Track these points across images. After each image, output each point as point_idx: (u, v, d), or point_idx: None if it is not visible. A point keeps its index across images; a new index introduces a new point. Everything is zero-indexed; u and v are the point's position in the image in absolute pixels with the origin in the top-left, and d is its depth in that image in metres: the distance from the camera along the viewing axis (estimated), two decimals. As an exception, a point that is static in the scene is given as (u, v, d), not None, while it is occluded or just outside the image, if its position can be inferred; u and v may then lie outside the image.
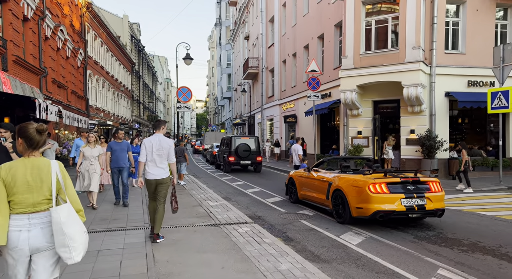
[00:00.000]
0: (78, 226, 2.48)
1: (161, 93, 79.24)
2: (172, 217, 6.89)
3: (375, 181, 6.24)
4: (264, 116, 29.95)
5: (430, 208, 6.23)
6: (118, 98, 33.06)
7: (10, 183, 2.38)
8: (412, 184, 6.35)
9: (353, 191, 6.54)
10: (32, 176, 2.43)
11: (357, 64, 14.19)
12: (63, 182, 2.53)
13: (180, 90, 14.31)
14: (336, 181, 7.16)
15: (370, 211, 6.19)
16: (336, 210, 7.11)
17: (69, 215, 2.44)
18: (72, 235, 2.41)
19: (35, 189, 2.43)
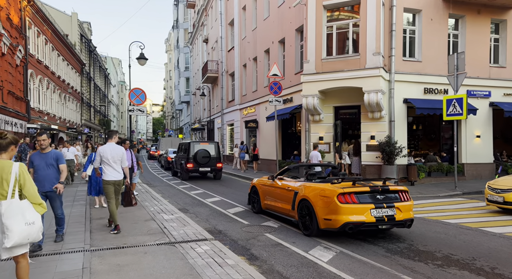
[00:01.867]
0: (20, 218, 3.10)
1: (114, 96, 75.55)
2: (119, 235, 6.01)
3: (344, 191, 5.87)
4: (224, 121, 29.24)
5: (400, 218, 5.92)
6: (66, 100, 30.67)
7: None
8: (381, 193, 6.02)
9: (321, 202, 6.10)
10: None
11: (318, 69, 14.03)
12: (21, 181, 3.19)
13: (132, 92, 13.30)
14: (302, 190, 6.71)
15: (339, 223, 5.78)
16: (302, 222, 6.66)
17: (10, 209, 3.06)
18: (9, 225, 3.04)
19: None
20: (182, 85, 52.87)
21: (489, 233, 6.60)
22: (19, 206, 3.16)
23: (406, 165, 13.62)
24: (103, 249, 5.27)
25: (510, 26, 15.16)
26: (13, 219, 3.09)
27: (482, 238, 6.21)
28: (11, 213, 3.10)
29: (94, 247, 5.36)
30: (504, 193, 8.14)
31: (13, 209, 3.12)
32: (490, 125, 14.84)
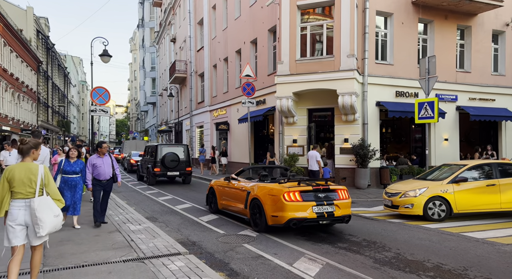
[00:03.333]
0: (50, 210, 3.71)
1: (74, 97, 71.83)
2: (79, 251, 5.26)
3: (289, 190, 6.44)
4: (193, 122, 28.38)
5: (339, 214, 6.55)
6: (20, 100, 28.45)
7: (11, 179, 3.63)
8: (322, 192, 6.62)
9: (269, 200, 6.66)
10: (24, 174, 3.66)
11: (293, 71, 13.76)
12: (46, 181, 3.77)
13: (95, 91, 12.31)
14: (254, 190, 7.22)
15: (284, 219, 6.36)
16: (253, 219, 7.18)
17: (41, 204, 3.66)
18: (42, 218, 3.63)
19: (27, 183, 3.66)
20: (147, 86, 51.14)
21: (472, 238, 6.50)
22: (47, 201, 3.77)
23: (379, 168, 13.65)
24: (58, 269, 4.54)
25: (475, 32, 15.72)
26: (44, 212, 3.70)
27: (467, 245, 6.08)
28: (42, 207, 3.69)
29: (47, 267, 4.61)
30: (392, 197, 8.52)
31: (44, 204, 3.72)
32: (457, 128, 15.26)
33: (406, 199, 8.19)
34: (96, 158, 7.09)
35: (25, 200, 3.67)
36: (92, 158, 7.10)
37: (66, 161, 6.90)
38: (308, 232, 6.99)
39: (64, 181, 6.74)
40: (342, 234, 6.87)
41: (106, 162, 7.13)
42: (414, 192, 8.17)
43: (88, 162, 6.94)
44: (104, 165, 7.08)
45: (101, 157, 7.10)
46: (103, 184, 7.14)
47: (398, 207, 8.33)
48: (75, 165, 6.92)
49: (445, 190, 8.02)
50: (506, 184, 8.17)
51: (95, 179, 7.05)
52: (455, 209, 7.95)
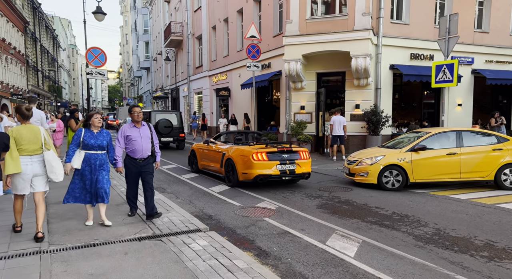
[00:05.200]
0: (58, 161, 4.43)
1: (65, 61, 69.21)
2: (87, 227, 4.74)
3: (257, 151, 7.48)
4: (191, 88, 27.35)
5: (299, 172, 7.68)
6: (8, 62, 26.98)
7: (18, 139, 4.13)
8: (286, 153, 7.68)
9: (241, 160, 7.69)
10: (31, 134, 4.22)
11: (302, 31, 12.79)
12: (48, 140, 4.41)
13: (90, 52, 11.39)
14: (228, 152, 8.22)
15: (252, 175, 7.43)
16: (227, 176, 8.27)
17: (53, 156, 4.37)
18: (56, 166, 4.37)
19: (34, 141, 4.23)
20: (141, 50, 49.10)
21: (510, 210, 6.09)
22: (53, 154, 4.41)
23: (390, 135, 13.13)
24: (67, 249, 4.02)
25: (496, -9, 14.64)
26: (56, 162, 4.39)
27: (509, 218, 5.66)
28: (53, 158, 4.37)
29: (54, 246, 4.09)
30: (350, 164, 8.32)
31: (53, 156, 4.38)
32: (471, 93, 14.62)
33: (362, 167, 7.98)
34: (131, 128, 5.13)
35: (31, 156, 4.26)
36: (125, 128, 5.16)
37: (88, 131, 4.75)
38: (330, 206, 6.53)
39: (86, 160, 4.69)
40: (367, 206, 6.42)
41: (144, 134, 5.17)
42: (371, 160, 7.93)
43: (119, 133, 5.17)
44: (142, 138, 5.11)
45: (138, 127, 5.15)
46: (139, 165, 5.14)
47: (354, 175, 8.13)
48: (101, 137, 4.80)
49: (402, 158, 7.72)
50: (469, 153, 7.73)
51: (128, 157, 5.16)
52: (411, 179, 7.69)
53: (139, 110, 5.15)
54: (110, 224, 4.81)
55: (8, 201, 5.78)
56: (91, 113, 4.88)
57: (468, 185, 8.15)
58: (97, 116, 4.84)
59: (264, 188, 7.97)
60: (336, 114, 11.94)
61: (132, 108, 5.15)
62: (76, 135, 4.72)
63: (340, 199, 6.99)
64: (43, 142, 4.31)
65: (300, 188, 8.07)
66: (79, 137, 4.70)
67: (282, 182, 8.63)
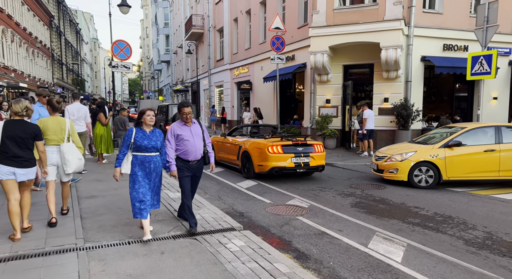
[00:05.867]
0: (75, 154, 4.66)
1: (87, 54, 70.48)
2: (120, 222, 4.65)
3: (273, 144, 7.73)
4: (212, 82, 27.26)
5: (314, 164, 7.87)
6: (34, 56, 27.58)
7: (44, 129, 4.45)
8: (301, 146, 7.89)
9: (257, 152, 7.94)
10: (56, 125, 4.58)
11: (330, 21, 12.38)
12: (71, 132, 4.69)
13: (116, 45, 11.36)
14: (244, 144, 8.49)
15: (268, 168, 7.68)
16: (243, 168, 8.54)
17: (69, 149, 4.60)
18: (69, 159, 4.59)
19: (59, 132, 4.57)
20: (161, 43, 49.34)
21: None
22: (72, 147, 4.66)
23: (421, 130, 12.64)
24: (103, 246, 3.94)
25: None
26: (71, 155, 4.60)
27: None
28: (69, 151, 4.60)
29: (90, 243, 4.01)
30: (379, 160, 7.98)
31: (70, 149, 4.62)
32: (508, 86, 13.88)
33: (391, 164, 7.63)
34: (182, 127, 4.49)
35: (57, 146, 4.60)
36: (175, 127, 4.50)
37: (140, 130, 4.17)
38: (366, 204, 6.26)
39: (139, 163, 4.10)
40: (405, 205, 6.12)
41: (196, 132, 4.53)
42: (401, 156, 7.58)
43: (169, 133, 4.50)
44: (194, 138, 4.48)
45: (188, 126, 4.52)
46: (193, 167, 4.53)
47: (383, 172, 7.79)
48: (154, 137, 4.19)
49: (435, 155, 7.33)
50: (509, 150, 7.21)
51: (180, 160, 4.50)
52: (444, 176, 7.30)
53: (189, 110, 4.40)
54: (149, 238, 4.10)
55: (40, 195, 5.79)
56: (143, 109, 4.23)
57: (506, 184, 7.68)
58: (149, 113, 4.18)
59: (292, 185, 7.76)
60: (364, 108, 11.55)
61: (182, 107, 4.41)
62: (126, 135, 4.14)
63: (374, 197, 6.70)
64: (66, 134, 4.62)
65: (330, 185, 7.81)
66: (129, 137, 4.10)
67: (308, 178, 8.41)
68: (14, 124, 3.99)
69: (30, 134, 4.03)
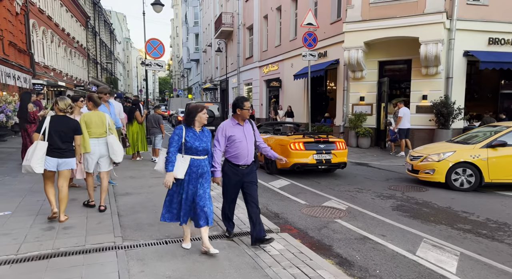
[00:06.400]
0: (119, 145, 5.10)
1: (120, 54, 72.73)
2: (156, 221, 4.61)
3: (295, 141, 7.94)
4: (241, 80, 27.25)
5: (335, 161, 8.01)
6: (72, 56, 28.70)
7: (88, 123, 4.87)
8: (323, 143, 8.04)
9: (279, 149, 8.01)
10: (98, 120, 4.96)
11: (365, 16, 11.93)
12: (111, 125, 5.09)
13: (149, 43, 11.51)
14: (268, 141, 8.60)
15: (289, 164, 7.65)
16: (266, 164, 8.81)
17: (113, 140, 5.02)
18: (117, 149, 5.02)
19: (100, 126, 4.96)
20: (191, 42, 49.95)
21: None
22: (115, 138, 5.06)
23: (462, 129, 11.94)
24: (141, 246, 3.89)
25: None
26: (117, 145, 5.03)
27: None
28: (114, 142, 5.00)
29: (128, 241, 3.98)
30: (414, 160, 7.57)
31: (114, 140, 5.02)
32: (560, 83, 12.84)
33: (428, 164, 7.22)
34: (234, 127, 3.93)
35: (98, 138, 4.93)
36: (227, 126, 3.92)
37: (190, 131, 3.66)
38: (408, 208, 5.92)
39: (188, 166, 3.64)
40: (452, 210, 5.72)
41: (248, 133, 3.98)
42: (438, 156, 7.14)
43: (218, 132, 3.92)
44: (247, 139, 3.92)
45: (241, 125, 3.96)
46: (242, 173, 3.94)
47: (418, 172, 7.39)
48: (204, 137, 3.73)
49: (476, 155, 6.84)
50: None
51: (229, 164, 3.95)
52: (486, 178, 6.79)
53: (249, 104, 3.93)
54: (217, 252, 3.63)
55: (82, 192, 5.89)
56: (198, 105, 3.71)
57: None
58: (202, 109, 3.68)
59: (327, 185, 7.51)
60: (400, 105, 11.05)
61: (243, 101, 3.85)
62: (176, 135, 3.63)
63: (416, 200, 6.33)
64: (107, 127, 4.99)
65: (367, 186, 7.49)
66: (180, 137, 3.61)
67: (343, 178, 8.13)
68: (58, 119, 4.47)
69: (71, 129, 4.50)
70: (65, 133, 4.43)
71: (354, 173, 8.93)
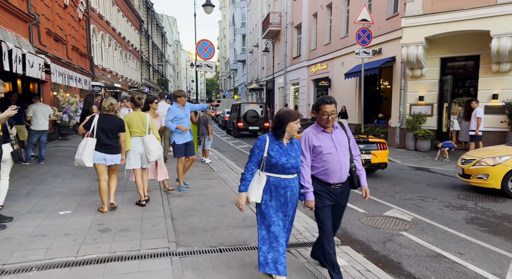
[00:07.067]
0: (155, 144, 5.30)
1: (170, 56, 75.58)
2: (209, 226, 4.46)
3: None
4: (288, 79, 26.89)
5: (375, 162, 7.92)
6: (127, 58, 30.17)
7: (129, 122, 5.19)
8: (362, 143, 7.90)
9: None
10: (139, 119, 5.24)
11: (427, 9, 11.05)
12: (152, 125, 5.37)
13: (200, 44, 11.58)
14: None
15: None
16: None
17: (150, 140, 5.25)
18: (151, 149, 5.22)
19: (141, 125, 5.24)
20: (238, 43, 50.51)
21: None
22: (153, 138, 5.32)
23: (540, 133, 10.62)
24: (195, 253, 3.74)
25: None
26: (152, 145, 5.25)
27: None
28: (150, 141, 5.25)
29: (182, 247, 3.85)
30: (466, 164, 6.96)
31: (151, 140, 5.27)
32: None
33: (480, 168, 6.61)
34: (319, 134, 3.08)
35: (140, 137, 5.26)
36: (311, 134, 3.08)
37: (275, 142, 2.92)
38: (485, 221, 5.24)
39: (272, 188, 2.90)
40: (540, 227, 4.96)
41: (339, 142, 3.08)
42: (493, 160, 6.51)
43: (302, 143, 3.08)
44: (338, 151, 3.04)
45: (329, 133, 3.08)
46: (335, 193, 3.08)
47: (470, 177, 6.79)
48: (293, 151, 2.95)
49: None
50: None
51: (317, 182, 3.07)
52: None
53: (332, 109, 2.95)
54: None
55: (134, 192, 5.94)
56: (290, 112, 2.90)
57: None
58: (299, 120, 2.94)
59: (386, 192, 6.95)
60: (475, 105, 10.01)
61: (322, 104, 2.99)
62: (256, 147, 2.89)
63: (494, 212, 5.61)
64: (147, 126, 5.27)
65: (432, 194, 6.82)
66: (261, 150, 2.87)
67: (402, 185, 7.51)
68: (105, 118, 4.84)
69: (117, 126, 4.88)
70: (111, 130, 4.81)
71: (414, 179, 8.24)
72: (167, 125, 6.02)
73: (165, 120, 6.14)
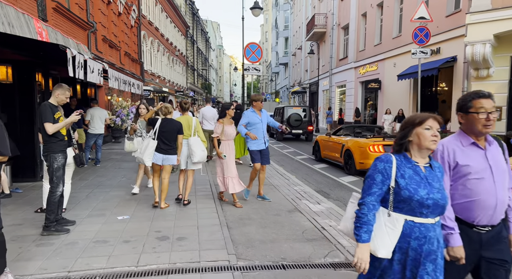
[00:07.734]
0: (199, 146, 5.46)
1: (213, 60, 77.16)
2: (268, 237, 4.20)
3: (374, 143, 8.07)
4: (333, 82, 26.19)
5: None
6: (173, 63, 31.09)
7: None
8: None
9: (358, 151, 8.39)
10: (185, 123, 5.49)
11: (496, 4, 10.09)
12: (197, 128, 5.61)
13: (248, 48, 11.42)
14: (347, 143, 9.01)
15: (368, 165, 7.20)
16: (345, 165, 9.07)
17: (194, 142, 5.45)
18: (194, 151, 5.41)
19: (187, 128, 5.48)
20: (280, 46, 50.32)
21: None
22: (197, 140, 5.53)
23: None
24: (256, 268, 3.49)
25: None
26: (196, 147, 5.46)
27: None
28: (195, 143, 5.47)
29: (242, 261, 3.62)
30: None
31: (195, 142, 5.49)
32: None
33: None
34: (465, 149, 2.07)
35: (186, 139, 5.47)
36: (451, 144, 2.10)
37: (408, 164, 1.89)
38: None
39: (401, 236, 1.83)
40: None
41: (497, 164, 2.06)
42: None
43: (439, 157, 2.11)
44: (494, 175, 2.02)
45: (482, 148, 2.07)
46: (480, 240, 2.03)
47: None
48: (435, 180, 1.88)
49: None
50: None
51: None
52: None
53: (491, 104, 2.01)
54: None
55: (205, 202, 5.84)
56: (422, 115, 1.91)
57: None
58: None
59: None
60: None
61: (475, 99, 2.04)
62: (378, 172, 1.90)
63: None
64: (193, 129, 5.50)
65: None
66: (387, 177, 1.88)
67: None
68: (165, 121, 5.23)
69: (174, 129, 5.22)
70: (170, 133, 5.19)
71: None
72: (238, 129, 5.77)
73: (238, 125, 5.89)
